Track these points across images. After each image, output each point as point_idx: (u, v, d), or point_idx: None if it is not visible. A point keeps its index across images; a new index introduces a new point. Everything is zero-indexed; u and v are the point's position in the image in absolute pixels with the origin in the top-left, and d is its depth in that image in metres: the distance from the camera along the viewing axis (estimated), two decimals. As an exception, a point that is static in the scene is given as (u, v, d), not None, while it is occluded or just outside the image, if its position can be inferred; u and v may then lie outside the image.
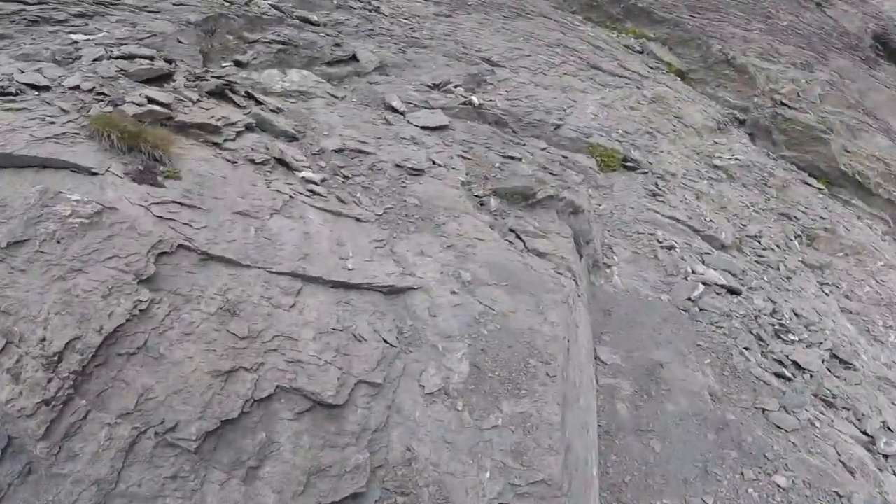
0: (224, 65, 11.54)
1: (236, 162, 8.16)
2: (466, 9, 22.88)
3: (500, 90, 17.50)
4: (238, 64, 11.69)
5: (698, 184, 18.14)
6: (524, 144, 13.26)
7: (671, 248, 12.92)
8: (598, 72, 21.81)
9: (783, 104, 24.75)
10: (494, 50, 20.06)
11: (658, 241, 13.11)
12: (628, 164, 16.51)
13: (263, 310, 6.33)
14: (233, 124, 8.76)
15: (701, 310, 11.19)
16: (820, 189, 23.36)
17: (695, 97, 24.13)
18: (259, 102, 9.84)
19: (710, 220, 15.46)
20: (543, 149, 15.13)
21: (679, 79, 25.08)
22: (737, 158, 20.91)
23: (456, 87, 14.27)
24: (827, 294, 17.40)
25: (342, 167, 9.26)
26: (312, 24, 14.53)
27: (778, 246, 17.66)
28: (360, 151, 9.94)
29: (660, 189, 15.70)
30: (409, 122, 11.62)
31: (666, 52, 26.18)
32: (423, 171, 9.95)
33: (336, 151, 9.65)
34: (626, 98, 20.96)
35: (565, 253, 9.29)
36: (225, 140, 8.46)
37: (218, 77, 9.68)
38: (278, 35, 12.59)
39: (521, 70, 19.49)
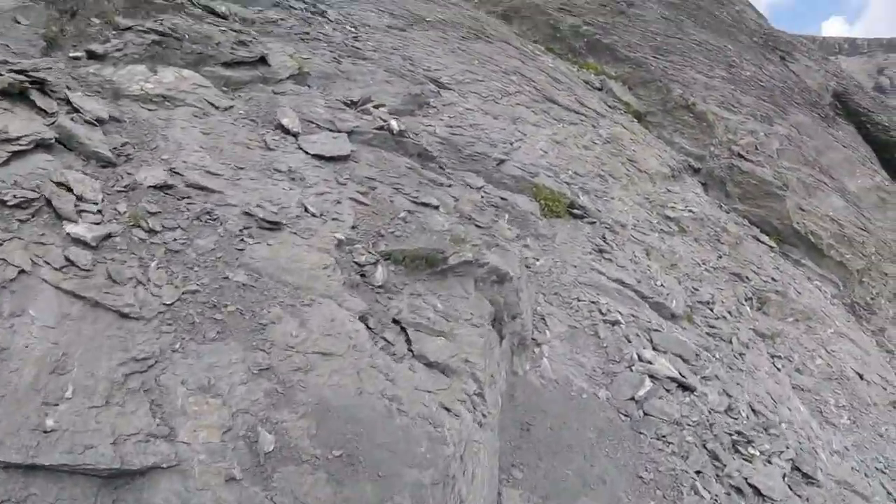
0: (73, 55, 8.40)
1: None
2: (423, 25, 19.94)
3: (443, 115, 14.58)
4: (92, 55, 8.53)
5: (649, 237, 15.40)
6: (450, 185, 10.36)
7: (615, 322, 10.09)
8: (554, 105, 19.02)
9: (740, 156, 22.25)
10: (445, 71, 17.13)
11: (601, 311, 10.26)
12: (575, 210, 13.67)
13: None
14: (13, 140, 5.64)
15: (646, 415, 8.37)
16: (771, 247, 20.94)
17: (651, 141, 21.49)
18: (75, 109, 6.69)
19: (661, 284, 12.68)
20: (479, 187, 12.22)
21: (636, 120, 22.43)
22: (690, 210, 18.27)
23: (377, 107, 11.23)
24: (779, 369, 14.94)
25: (154, 214, 6.12)
26: (217, 15, 11.43)
27: (730, 313, 15.00)
28: (200, 189, 6.83)
29: (607, 243, 12.87)
30: (299, 148, 8.57)
31: (625, 92, 23.54)
32: (282, 224, 6.82)
33: (156, 188, 6.49)
34: (580, 136, 18.20)
35: (473, 356, 6.29)
36: (-17, 165, 5.34)
37: (21, 71, 6.50)
38: (161, 24, 9.49)
39: (470, 95, 16.60)
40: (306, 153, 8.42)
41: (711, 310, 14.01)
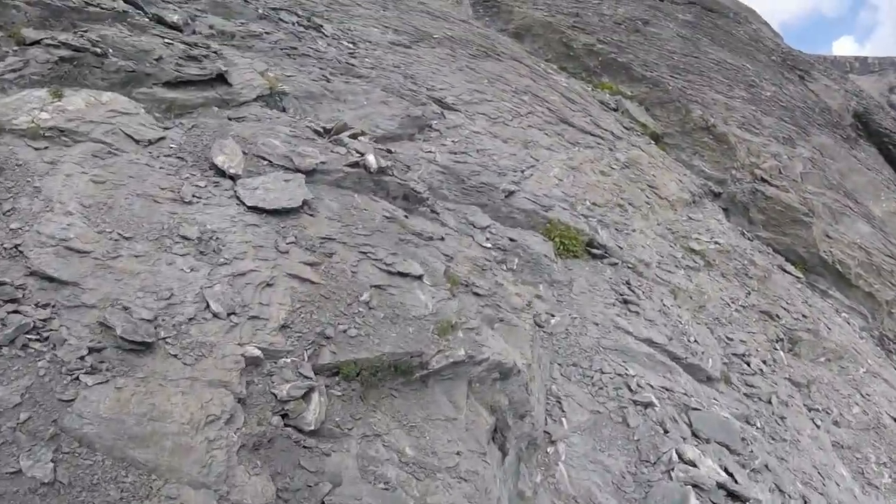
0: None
1: None
2: (430, 42, 17.56)
3: (446, 139, 12.18)
4: (-23, 75, 6.24)
5: (675, 275, 12.91)
6: (444, 238, 7.92)
7: (647, 405, 7.63)
8: (568, 127, 16.56)
9: (764, 180, 19.66)
10: (451, 90, 14.74)
11: (629, 388, 7.80)
12: (595, 250, 11.23)
13: None
14: None
15: (696, 549, 5.89)
16: (798, 278, 18.31)
17: (670, 164, 18.96)
18: None
19: (694, 340, 10.20)
20: (485, 227, 9.79)
21: (653, 142, 19.89)
22: (716, 242, 15.73)
23: (356, 135, 8.81)
24: (818, 426, 12.46)
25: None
26: (168, 26, 9.08)
27: (765, 363, 12.49)
28: (45, 280, 4.33)
29: (632, 290, 10.40)
30: (234, 196, 6.15)
31: (642, 113, 21.00)
32: (154, 343, 4.21)
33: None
34: (597, 160, 15.72)
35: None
36: None
37: None
38: (81, 36, 7.15)
39: (478, 116, 14.19)
40: (241, 204, 6.02)
41: (748, 363, 11.50)
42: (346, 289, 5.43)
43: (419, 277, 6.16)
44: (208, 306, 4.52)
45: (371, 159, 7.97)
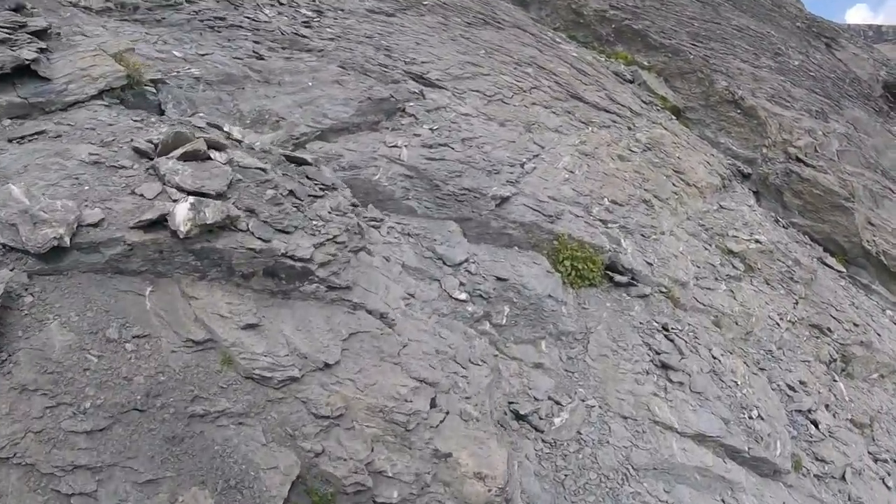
0: None
1: None
2: (419, 9, 13.39)
3: (423, 126, 8.20)
4: None
5: (716, 293, 8.96)
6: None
7: None
8: (579, 103, 12.44)
9: (798, 160, 15.36)
10: (437, 63, 10.68)
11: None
12: (618, 275, 7.29)
13: None
14: None
15: None
16: (839, 272, 14.24)
17: (695, 143, 14.76)
18: None
19: (756, 414, 6.32)
20: (460, 263, 5.92)
21: (674, 118, 15.66)
22: (756, 240, 11.63)
23: (196, 154, 4.47)
24: (889, 488, 8.56)
25: None
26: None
27: (828, 408, 8.61)
28: None
29: (671, 338, 6.53)
30: None
31: (661, 85, 16.69)
32: None
33: None
34: (615, 142, 11.64)
35: None
36: None
37: None
38: None
39: (469, 95, 10.15)
40: None
41: (815, 423, 7.63)
42: None
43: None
44: None
45: (181, 214, 3.88)
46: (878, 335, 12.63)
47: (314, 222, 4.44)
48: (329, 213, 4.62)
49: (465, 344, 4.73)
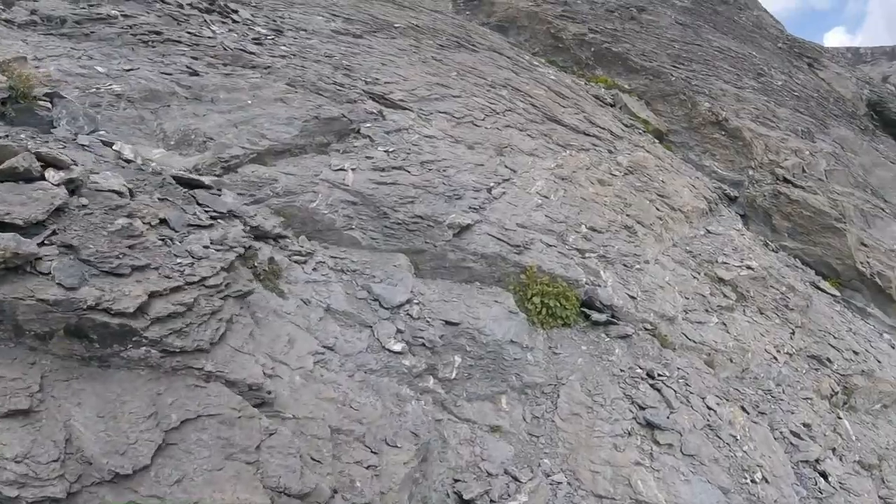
0: None
1: None
2: (389, 32, 12.54)
3: (378, 149, 7.21)
4: None
5: (707, 327, 7.90)
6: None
7: None
8: (557, 126, 11.51)
9: (786, 180, 14.47)
10: (402, 84, 9.75)
11: None
12: (595, 313, 6.23)
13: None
14: None
15: None
16: (834, 296, 13.26)
17: (679, 166, 13.85)
18: None
19: (760, 476, 5.23)
20: (399, 305, 4.87)
21: (657, 141, 14.78)
22: (748, 266, 10.62)
23: None
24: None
25: None
26: None
27: (834, 452, 7.52)
28: None
29: (658, 389, 5.42)
30: None
31: (642, 108, 15.85)
32: None
33: None
34: (594, 166, 10.68)
35: None
36: None
37: None
38: None
39: (436, 117, 9.19)
40: None
41: (824, 475, 6.52)
42: None
43: None
44: None
45: None
46: (879, 362, 11.62)
47: (178, 260, 3.38)
48: (206, 247, 3.56)
49: (391, 412, 3.65)
